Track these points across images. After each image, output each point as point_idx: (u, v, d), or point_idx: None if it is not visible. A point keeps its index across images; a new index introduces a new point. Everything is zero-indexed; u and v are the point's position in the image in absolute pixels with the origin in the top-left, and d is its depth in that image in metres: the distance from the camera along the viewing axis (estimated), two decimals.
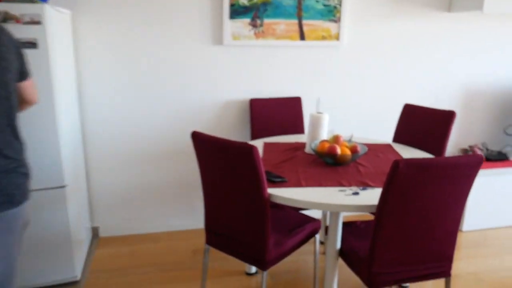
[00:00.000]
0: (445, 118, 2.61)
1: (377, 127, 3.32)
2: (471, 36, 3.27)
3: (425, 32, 3.18)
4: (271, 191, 1.84)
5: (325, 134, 2.41)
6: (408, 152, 2.49)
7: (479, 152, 3.23)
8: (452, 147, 3.44)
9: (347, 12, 3.03)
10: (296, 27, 2.98)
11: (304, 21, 2.98)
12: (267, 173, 2.02)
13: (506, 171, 3.11)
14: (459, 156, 1.64)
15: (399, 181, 1.60)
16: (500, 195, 3.14)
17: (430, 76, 3.29)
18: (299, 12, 2.97)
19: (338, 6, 3.00)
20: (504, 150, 3.56)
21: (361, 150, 2.26)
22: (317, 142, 2.34)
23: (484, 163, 3.22)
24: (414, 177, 1.60)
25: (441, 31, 3.20)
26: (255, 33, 2.91)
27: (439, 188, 1.66)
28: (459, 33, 3.23)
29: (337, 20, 3.03)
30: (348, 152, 2.18)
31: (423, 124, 2.72)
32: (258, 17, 2.90)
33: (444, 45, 3.23)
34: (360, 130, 3.30)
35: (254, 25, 2.90)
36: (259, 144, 2.59)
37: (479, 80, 3.38)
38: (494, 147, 3.57)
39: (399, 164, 1.57)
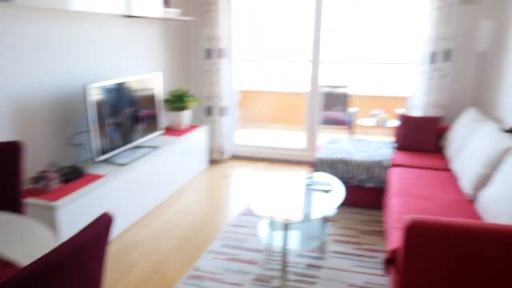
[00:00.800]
0: (9, 155, 1.85)
1: None
2: (4, 39, 2.53)
3: None
4: None
5: None
6: None
7: (54, 175, 2.67)
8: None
9: None
10: None
11: None
12: None
13: (93, 187, 2.73)
14: (79, 234, 1.03)
15: None
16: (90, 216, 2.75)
17: None
18: None
19: None
20: (77, 164, 3.16)
21: None
22: None
23: (67, 187, 2.70)
24: None
25: None
26: None
27: None
28: None
29: None
30: None
31: None
32: None
33: None
34: None
35: None
36: None
37: (30, 90, 2.74)
38: (67, 163, 3.11)
39: None
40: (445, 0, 3.78)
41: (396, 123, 4.70)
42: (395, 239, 2.14)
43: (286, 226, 2.46)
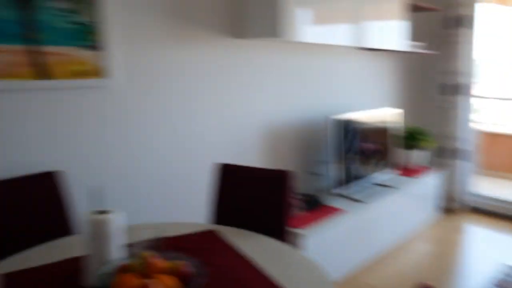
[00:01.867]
0: (277, 181, 1.87)
1: (186, 201, 2.36)
2: (266, 67, 2.72)
3: (220, 64, 2.44)
4: None
5: (118, 250, 1.28)
6: (244, 240, 1.61)
7: (297, 202, 2.67)
8: None
9: (114, 36, 1.99)
10: (26, 58, 1.75)
11: (43, 48, 1.79)
12: None
13: (333, 219, 2.63)
14: None
15: None
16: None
17: (232, 120, 2.56)
18: (29, 33, 1.75)
19: (94, 25, 1.92)
20: (313, 193, 3.14)
21: (193, 270, 1.23)
22: (108, 268, 1.19)
23: (308, 215, 2.67)
24: None
25: (234, 61, 2.53)
26: None
27: None
28: (253, 64, 2.64)
29: (96, 47, 1.94)
30: (174, 284, 1.12)
31: (250, 191, 1.92)
32: None
33: (240, 78, 2.57)
34: (163, 213, 2.28)
35: None
36: None
37: (282, 117, 2.87)
38: (302, 190, 3.12)
39: None
40: None
41: None
42: None
43: None
